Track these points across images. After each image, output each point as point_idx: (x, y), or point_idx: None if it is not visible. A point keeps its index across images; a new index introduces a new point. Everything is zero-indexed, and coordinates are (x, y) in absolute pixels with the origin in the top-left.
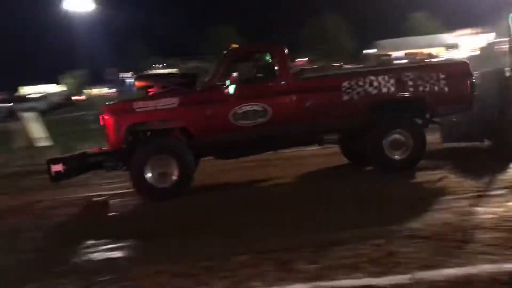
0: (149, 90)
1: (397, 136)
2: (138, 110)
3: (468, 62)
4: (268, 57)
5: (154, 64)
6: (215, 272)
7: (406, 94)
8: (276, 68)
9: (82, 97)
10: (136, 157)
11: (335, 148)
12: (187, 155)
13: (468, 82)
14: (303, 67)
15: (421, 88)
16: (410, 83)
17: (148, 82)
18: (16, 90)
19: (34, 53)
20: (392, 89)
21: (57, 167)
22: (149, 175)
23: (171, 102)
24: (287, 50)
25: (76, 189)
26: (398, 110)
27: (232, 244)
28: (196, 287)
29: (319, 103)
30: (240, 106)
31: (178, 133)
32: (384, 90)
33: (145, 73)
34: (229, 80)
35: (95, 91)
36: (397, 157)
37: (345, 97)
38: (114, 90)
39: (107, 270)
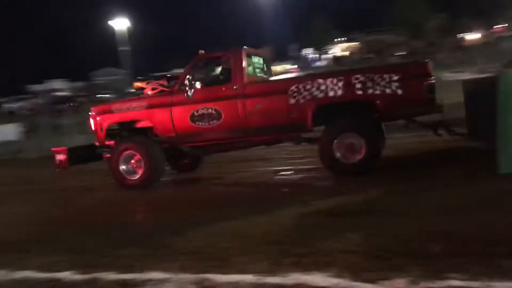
0: (144, 91)
1: (349, 139)
2: (115, 111)
3: (428, 62)
4: (227, 63)
5: (336, 39)
6: None
7: (353, 96)
8: (232, 73)
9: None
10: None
11: None
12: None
13: (425, 84)
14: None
15: (370, 91)
16: (359, 85)
17: (143, 84)
18: None
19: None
20: (339, 92)
21: (60, 157)
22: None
23: (140, 104)
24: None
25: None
26: (347, 113)
27: None
28: None
29: (268, 107)
30: (197, 108)
31: None
32: (331, 93)
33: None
34: (189, 84)
35: (279, 67)
36: (349, 160)
37: (292, 101)
38: (296, 66)
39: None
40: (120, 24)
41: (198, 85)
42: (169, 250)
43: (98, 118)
